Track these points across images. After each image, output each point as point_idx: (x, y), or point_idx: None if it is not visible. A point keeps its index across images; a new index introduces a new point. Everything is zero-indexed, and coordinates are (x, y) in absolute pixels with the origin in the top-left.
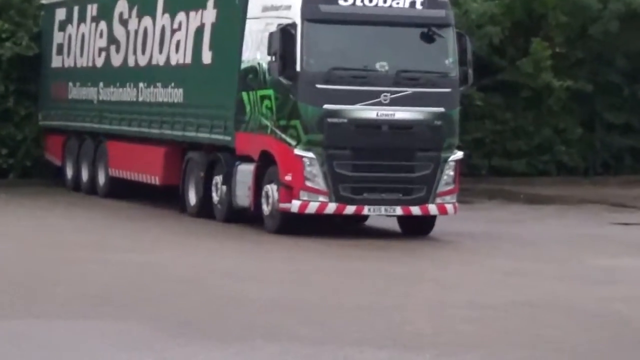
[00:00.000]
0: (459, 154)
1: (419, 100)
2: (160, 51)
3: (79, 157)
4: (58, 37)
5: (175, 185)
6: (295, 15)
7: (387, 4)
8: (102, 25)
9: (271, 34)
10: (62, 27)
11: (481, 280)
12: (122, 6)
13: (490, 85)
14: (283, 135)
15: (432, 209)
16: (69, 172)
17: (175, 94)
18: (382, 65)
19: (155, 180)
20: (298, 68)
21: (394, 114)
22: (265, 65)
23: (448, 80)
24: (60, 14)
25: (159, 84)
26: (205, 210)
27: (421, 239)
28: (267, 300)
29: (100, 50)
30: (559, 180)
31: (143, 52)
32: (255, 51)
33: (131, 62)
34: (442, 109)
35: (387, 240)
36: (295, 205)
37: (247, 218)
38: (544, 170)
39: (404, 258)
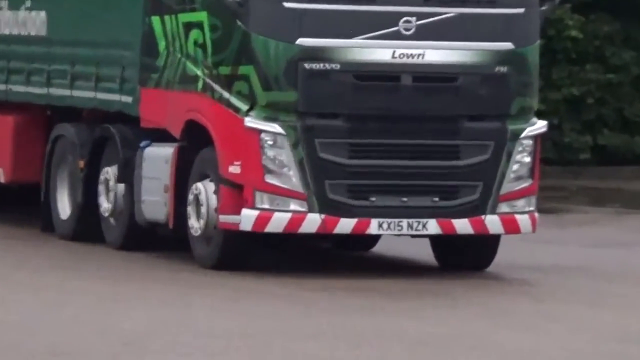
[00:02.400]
0: (539, 126)
1: (466, 29)
2: None
3: None
4: None
5: (34, 184)
6: None
7: None
8: None
9: None
10: None
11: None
12: None
13: (594, 2)
14: (225, 94)
15: (493, 223)
16: None
17: (32, 22)
18: None
19: None
20: None
21: (422, 55)
22: None
23: None
24: None
25: (2, 3)
26: (87, 228)
27: (472, 278)
28: None
29: None
30: None
31: None
32: None
33: None
34: (508, 45)
35: (414, 281)
36: (247, 219)
37: (162, 242)
38: None
39: (444, 314)
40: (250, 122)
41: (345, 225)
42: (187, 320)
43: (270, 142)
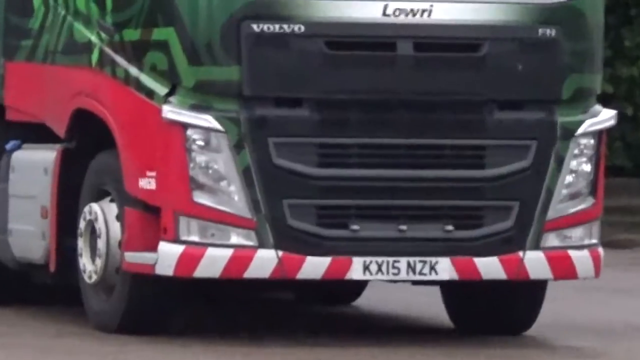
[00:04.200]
0: (605, 117)
1: None
2: None
3: None
4: None
5: None
6: None
7: None
8: None
9: None
10: None
11: None
12: None
13: None
14: (133, 70)
15: (535, 264)
16: None
17: None
18: None
19: None
20: None
21: (429, 11)
22: None
23: None
24: None
25: None
26: None
27: (504, 346)
28: None
29: None
30: None
31: None
32: None
33: None
34: None
35: (418, 350)
36: (167, 258)
37: (39, 292)
38: None
39: None
40: (170, 112)
41: (315, 267)
42: None
43: (201, 143)
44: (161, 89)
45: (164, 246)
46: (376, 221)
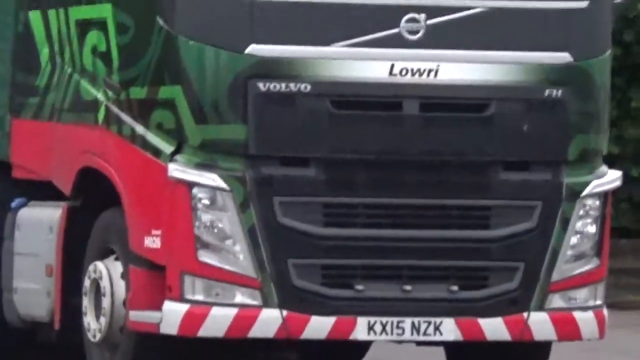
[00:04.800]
0: (611, 178)
1: (501, 32)
2: None
3: None
4: None
5: None
6: None
7: None
8: None
9: None
10: None
11: None
12: None
13: None
14: (139, 129)
15: (540, 325)
16: None
17: None
18: None
19: None
20: None
21: (435, 71)
22: None
23: None
24: None
25: None
26: None
27: None
28: None
29: None
30: None
31: None
32: None
33: None
34: (565, 56)
35: None
36: (172, 317)
37: (44, 350)
38: None
39: None
40: (176, 170)
41: (319, 326)
42: None
43: (206, 202)
44: (167, 147)
45: (168, 305)
46: (381, 281)
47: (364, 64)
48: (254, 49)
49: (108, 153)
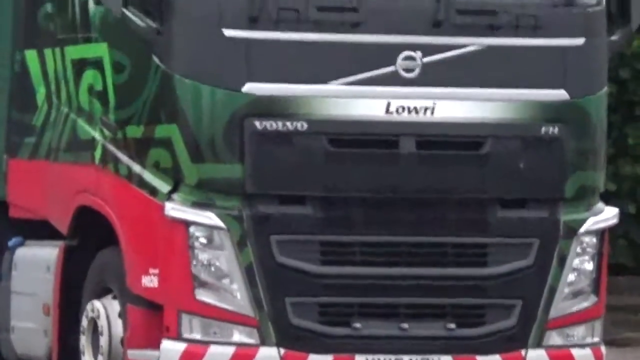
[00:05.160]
0: (608, 215)
1: (497, 70)
2: None
3: None
4: None
5: None
6: None
7: None
8: None
9: None
10: None
11: None
12: None
13: None
14: (135, 168)
15: None
16: None
17: None
18: None
19: None
20: None
21: (431, 109)
22: None
23: (578, 13)
24: None
25: None
26: None
27: None
28: None
29: None
30: None
31: None
32: None
33: None
34: (561, 93)
35: None
36: (170, 355)
37: None
38: None
39: None
40: (173, 209)
41: None
42: None
43: (204, 240)
44: (164, 186)
45: (166, 344)
46: (378, 319)
47: (360, 102)
48: (250, 87)
49: (105, 192)
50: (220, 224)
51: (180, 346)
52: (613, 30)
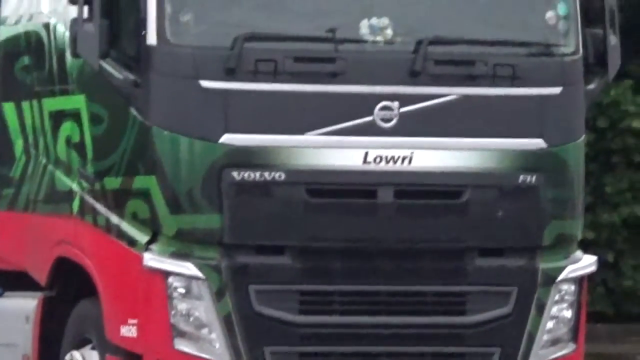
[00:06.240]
0: (586, 263)
1: (475, 119)
2: None
3: None
4: None
5: None
6: None
7: None
8: None
9: None
10: None
11: None
12: None
13: None
14: (113, 219)
15: None
16: None
17: None
18: (377, 27)
19: None
20: (151, 31)
21: (409, 158)
22: (62, 30)
23: (555, 62)
24: None
25: None
26: None
27: None
28: None
29: None
30: None
31: None
32: None
33: None
34: (539, 142)
35: None
36: None
37: None
38: None
39: None
40: (151, 260)
41: None
42: None
43: (182, 291)
44: (142, 237)
45: None
46: None
47: (338, 152)
48: (227, 138)
49: (83, 243)
50: (199, 274)
51: None
52: (590, 79)
